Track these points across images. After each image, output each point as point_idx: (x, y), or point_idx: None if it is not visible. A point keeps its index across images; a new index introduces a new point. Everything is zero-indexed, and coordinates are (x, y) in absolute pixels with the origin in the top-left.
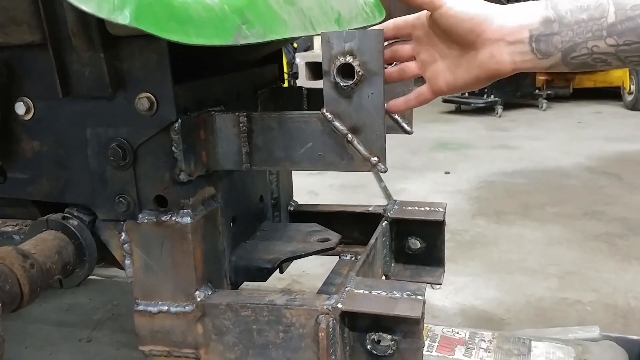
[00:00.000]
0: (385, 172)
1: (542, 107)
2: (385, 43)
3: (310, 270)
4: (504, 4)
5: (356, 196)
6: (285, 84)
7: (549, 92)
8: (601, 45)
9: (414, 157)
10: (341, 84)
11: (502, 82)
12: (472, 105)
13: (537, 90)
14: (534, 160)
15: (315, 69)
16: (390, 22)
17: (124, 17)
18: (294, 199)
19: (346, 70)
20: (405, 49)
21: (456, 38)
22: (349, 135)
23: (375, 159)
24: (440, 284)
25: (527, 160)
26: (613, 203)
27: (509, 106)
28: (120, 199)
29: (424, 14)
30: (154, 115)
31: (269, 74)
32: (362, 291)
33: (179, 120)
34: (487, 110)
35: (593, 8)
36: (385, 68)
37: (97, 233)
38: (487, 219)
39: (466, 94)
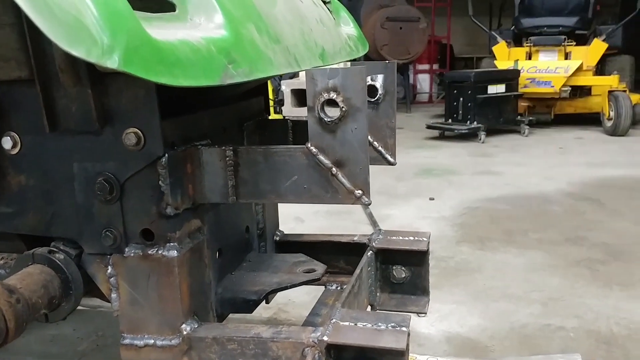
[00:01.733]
0: (369, 204)
1: (524, 133)
2: None
3: (297, 299)
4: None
5: (342, 222)
6: (271, 111)
7: (530, 118)
8: None
9: (399, 183)
10: (325, 119)
11: (485, 108)
12: (456, 131)
13: (519, 117)
14: (517, 186)
15: (300, 96)
16: None
17: (112, 62)
18: (280, 227)
19: (330, 106)
20: None
21: None
22: (334, 169)
23: (360, 191)
24: (425, 314)
25: (510, 186)
26: (594, 229)
27: (491, 132)
28: (107, 232)
29: None
30: (141, 150)
31: (255, 107)
32: (347, 323)
33: (166, 155)
34: (470, 136)
35: None
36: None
37: (83, 266)
38: (471, 245)
39: (450, 121)
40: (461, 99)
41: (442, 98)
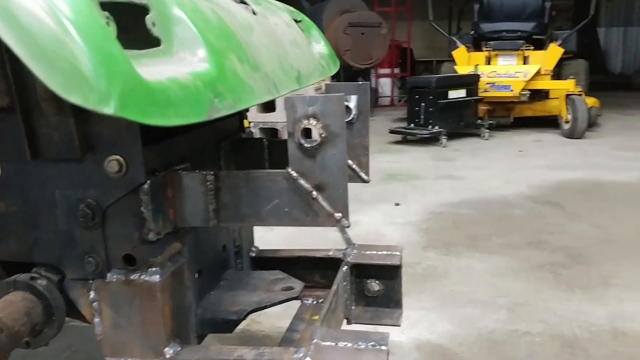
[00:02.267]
0: (348, 227)
1: (484, 136)
2: None
3: (269, 310)
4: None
5: (314, 229)
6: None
7: (491, 121)
8: None
9: (365, 189)
10: (305, 145)
11: (446, 112)
12: (418, 135)
13: (479, 120)
14: (479, 190)
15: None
16: None
17: (109, 108)
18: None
19: (310, 133)
20: None
21: None
22: (314, 193)
23: (339, 214)
24: (399, 325)
25: (472, 190)
26: (556, 232)
27: (453, 136)
28: (89, 258)
29: None
30: (124, 177)
31: (230, 126)
32: (328, 343)
33: (148, 181)
34: (432, 140)
35: None
36: None
37: (65, 292)
38: (437, 250)
39: (412, 125)
40: (423, 104)
41: (404, 102)
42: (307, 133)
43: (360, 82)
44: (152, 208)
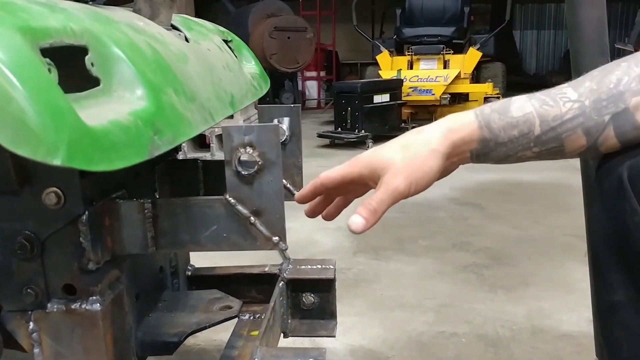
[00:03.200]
0: (286, 249)
1: None
2: None
3: None
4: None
5: None
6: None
7: (414, 124)
8: (528, 154)
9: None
10: (242, 172)
11: (371, 116)
12: (345, 139)
13: (403, 124)
14: None
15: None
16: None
17: (57, 160)
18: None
19: (246, 160)
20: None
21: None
22: (252, 218)
23: (277, 238)
24: (334, 336)
25: None
26: (477, 234)
27: (378, 139)
28: (28, 290)
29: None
30: (62, 208)
31: None
32: None
33: (87, 212)
34: (359, 144)
35: (522, 123)
36: None
37: (3, 323)
38: (366, 255)
39: (339, 129)
40: (349, 108)
41: (331, 104)
42: (243, 162)
43: (292, 105)
44: (91, 238)
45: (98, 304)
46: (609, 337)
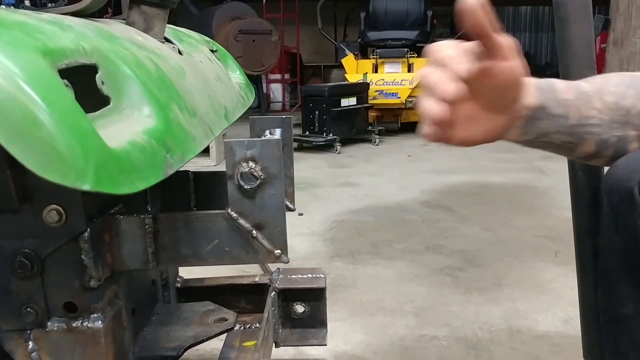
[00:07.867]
0: (287, 262)
1: (375, 142)
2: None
3: None
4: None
5: None
6: None
7: (380, 127)
8: (559, 138)
9: None
10: (245, 186)
11: (339, 120)
12: (313, 143)
13: (370, 127)
14: (376, 196)
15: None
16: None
17: (87, 185)
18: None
19: (248, 175)
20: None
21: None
22: (254, 232)
23: (279, 251)
24: (325, 344)
25: (370, 197)
26: (450, 236)
27: (346, 142)
28: (28, 309)
29: None
30: (63, 226)
31: None
32: None
33: (88, 229)
34: (327, 147)
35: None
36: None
37: (0, 344)
38: (343, 260)
39: (307, 133)
40: (317, 111)
41: (297, 107)
42: (245, 176)
43: (284, 116)
44: (92, 255)
45: (100, 321)
46: (615, 347)
